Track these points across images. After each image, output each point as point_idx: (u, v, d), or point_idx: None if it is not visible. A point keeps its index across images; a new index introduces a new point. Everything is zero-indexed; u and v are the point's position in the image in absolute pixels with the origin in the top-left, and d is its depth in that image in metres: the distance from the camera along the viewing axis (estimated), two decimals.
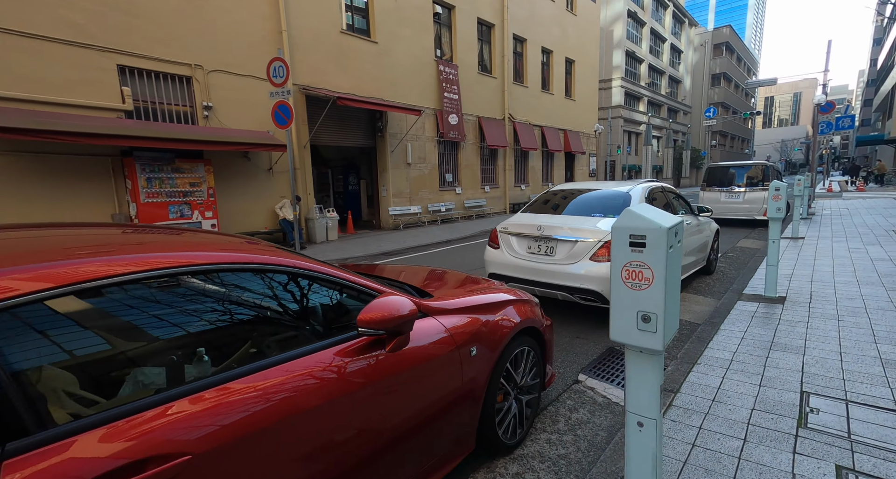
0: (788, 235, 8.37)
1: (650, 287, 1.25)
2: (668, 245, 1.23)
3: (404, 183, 12.58)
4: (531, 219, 4.16)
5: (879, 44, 47.76)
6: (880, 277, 4.94)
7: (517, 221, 4.17)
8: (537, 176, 18.93)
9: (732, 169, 11.12)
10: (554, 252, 3.80)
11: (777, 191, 4.23)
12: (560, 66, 19.80)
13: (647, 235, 1.26)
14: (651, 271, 1.25)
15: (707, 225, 5.56)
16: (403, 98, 12.27)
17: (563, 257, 3.73)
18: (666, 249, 1.22)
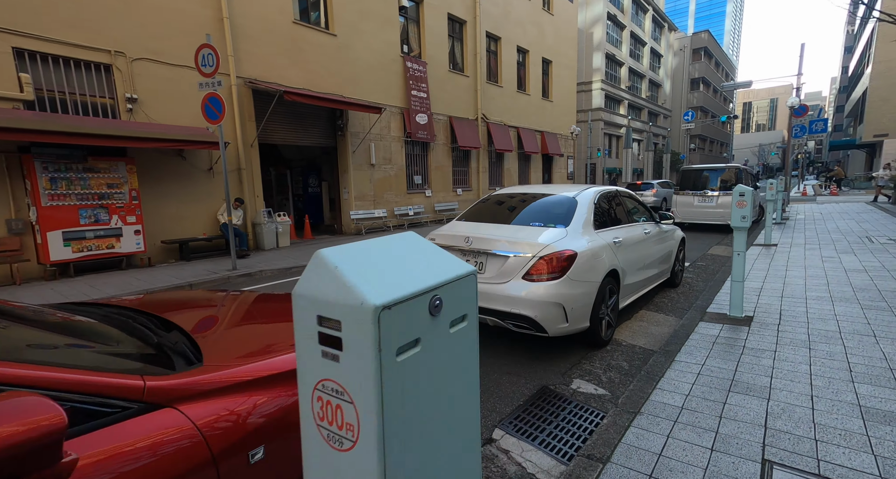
0: (761, 242, 7.99)
1: (353, 449, 0.57)
2: (407, 344, 0.56)
3: (367, 185, 11.91)
4: (462, 229, 3.56)
5: (850, 52, 49.06)
6: (855, 291, 4.49)
7: (447, 231, 3.56)
8: (513, 178, 18.45)
9: (706, 172, 10.78)
10: (483, 269, 3.21)
11: (741, 197, 3.72)
12: (536, 66, 19.40)
13: (344, 322, 0.56)
14: (355, 411, 0.56)
15: (671, 233, 5.05)
16: (367, 95, 11.61)
17: (494, 276, 3.14)
18: (391, 356, 0.55)
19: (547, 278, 2.96)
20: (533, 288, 2.96)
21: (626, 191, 4.45)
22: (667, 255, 4.89)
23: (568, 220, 3.37)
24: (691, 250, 8.09)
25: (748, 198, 3.70)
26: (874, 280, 4.90)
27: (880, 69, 24.08)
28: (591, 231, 3.42)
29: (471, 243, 3.27)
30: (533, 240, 3.10)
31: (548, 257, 2.98)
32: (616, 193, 4.18)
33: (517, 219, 3.58)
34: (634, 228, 4.06)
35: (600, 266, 3.28)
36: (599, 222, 3.62)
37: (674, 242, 5.13)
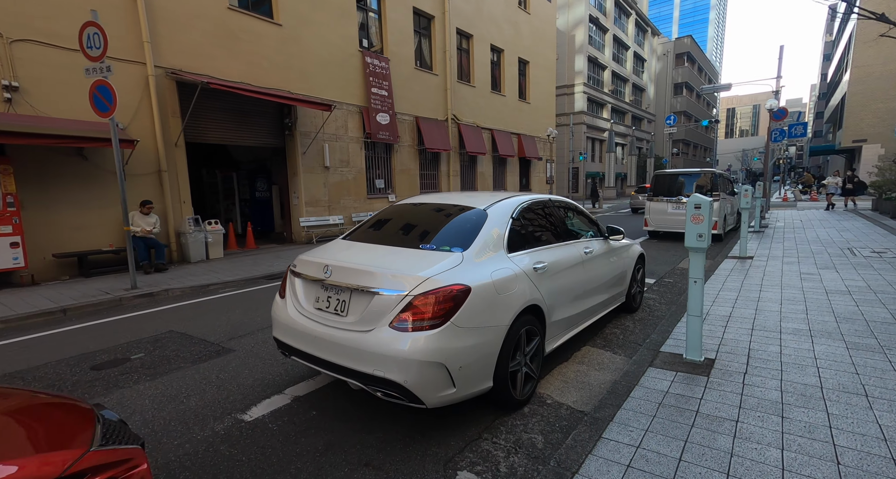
0: (736, 255, 7.29)
1: None
2: None
3: (321, 189, 10.99)
4: (329, 253, 2.71)
5: (829, 59, 49.76)
6: (838, 321, 3.74)
7: (311, 256, 2.69)
8: (488, 183, 17.69)
9: (681, 177, 10.11)
10: (345, 310, 2.35)
11: (697, 210, 2.93)
12: (512, 66, 18.72)
13: None
14: None
15: (625, 251, 4.26)
16: (320, 92, 10.71)
17: (356, 321, 2.28)
18: None
19: (424, 326, 2.12)
20: (402, 341, 2.10)
21: (562, 200, 3.64)
22: (619, 276, 4.10)
23: (469, 241, 2.54)
24: (661, 263, 7.36)
25: (705, 211, 2.92)
26: (859, 305, 4.17)
27: (859, 74, 24.00)
28: (500, 256, 2.59)
29: (330, 273, 2.42)
30: (409, 271, 2.25)
31: (425, 296, 2.14)
32: (547, 203, 3.37)
33: (408, 240, 2.74)
34: (569, 249, 3.24)
35: (511, 303, 2.45)
36: (518, 243, 2.80)
37: (629, 260, 4.34)
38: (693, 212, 2.95)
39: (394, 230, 2.93)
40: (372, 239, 2.84)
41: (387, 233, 2.91)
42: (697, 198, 2.94)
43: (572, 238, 3.41)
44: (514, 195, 3.12)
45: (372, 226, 3.09)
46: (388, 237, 2.83)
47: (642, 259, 4.74)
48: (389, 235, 2.87)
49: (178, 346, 3.83)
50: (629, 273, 4.36)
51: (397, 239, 2.78)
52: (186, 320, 4.64)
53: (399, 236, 2.84)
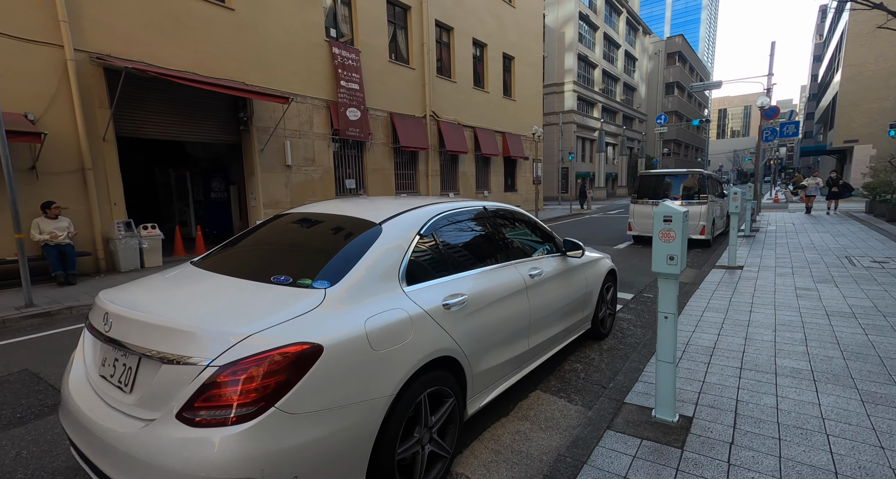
0: (724, 264, 6.61)
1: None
2: None
3: (282, 190, 10.17)
4: (134, 289, 1.92)
5: (819, 60, 49.76)
6: (845, 358, 3.04)
7: (108, 295, 1.88)
8: (469, 183, 16.95)
9: (668, 178, 9.44)
10: (130, 383, 1.56)
11: (667, 223, 2.20)
12: (496, 61, 17.99)
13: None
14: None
15: (589, 268, 3.53)
16: (281, 84, 9.90)
17: (137, 401, 1.50)
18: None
19: (230, 417, 1.34)
20: (189, 444, 1.32)
21: (504, 209, 2.89)
22: (582, 299, 3.36)
23: (343, 271, 1.77)
24: (643, 273, 6.66)
25: (678, 225, 2.18)
26: (868, 333, 3.48)
27: (850, 73, 23.61)
28: (390, 291, 1.83)
29: (110, 326, 1.64)
30: (222, 324, 1.48)
31: (236, 367, 1.37)
32: (479, 213, 2.61)
33: (264, 268, 1.96)
34: (505, 273, 2.49)
35: (399, 361, 1.70)
36: (424, 271, 2.05)
37: (595, 278, 3.61)
38: (662, 226, 2.22)
39: (254, 253, 2.16)
40: (221, 266, 2.06)
41: (244, 257, 2.14)
42: (667, 208, 2.20)
43: (514, 258, 2.66)
44: (431, 203, 2.36)
45: (231, 246, 2.31)
46: (242, 264, 2.06)
47: (613, 276, 4.01)
48: (245, 261, 2.10)
49: (13, 395, 3.00)
50: (596, 294, 3.63)
51: (251, 267, 2.01)
52: (56, 353, 3.82)
53: (255, 263, 2.07)
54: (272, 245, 2.19)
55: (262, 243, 2.23)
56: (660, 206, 2.23)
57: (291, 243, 2.17)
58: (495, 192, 18.59)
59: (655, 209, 2.24)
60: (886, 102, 22.51)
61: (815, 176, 14.37)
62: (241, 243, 2.31)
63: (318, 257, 1.92)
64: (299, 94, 10.36)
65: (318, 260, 1.89)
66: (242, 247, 2.26)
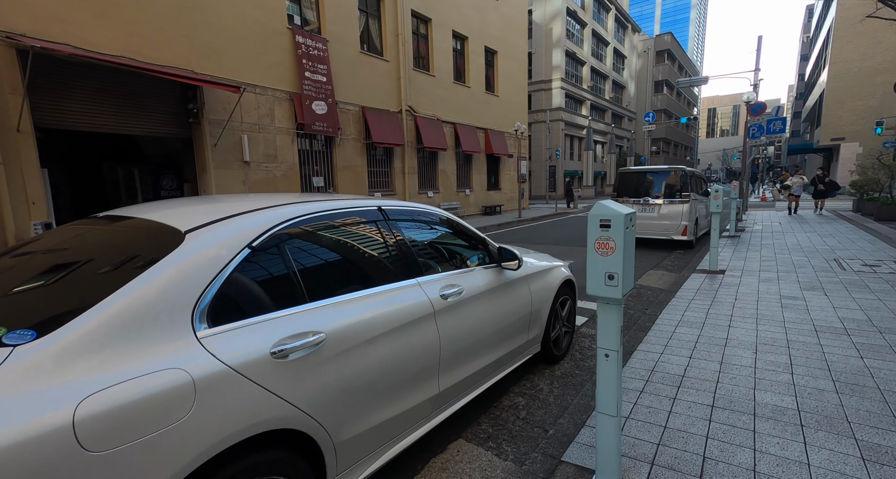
0: (705, 268, 6.09)
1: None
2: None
3: (240, 188, 9.47)
4: None
5: (806, 59, 50.01)
6: (839, 393, 2.48)
7: None
8: (450, 181, 16.35)
9: (649, 175, 8.92)
10: None
11: (604, 230, 1.62)
12: (478, 55, 17.39)
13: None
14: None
15: (536, 280, 2.94)
16: (236, 74, 9.19)
17: None
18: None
19: None
20: None
21: (410, 209, 2.26)
22: (524, 319, 2.77)
23: (74, 312, 1.13)
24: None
25: (619, 232, 1.59)
26: (864, 357, 2.94)
27: (837, 70, 23.41)
28: (172, 339, 1.21)
29: None
30: None
31: None
32: (367, 216, 1.97)
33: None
34: (396, 296, 1.87)
35: (157, 460, 1.08)
36: (253, 302, 1.42)
37: (545, 291, 3.02)
38: (598, 234, 1.63)
39: (13, 277, 1.51)
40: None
41: None
42: (604, 209, 1.61)
43: (420, 274, 2.05)
44: (292, 203, 1.74)
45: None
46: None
47: (571, 287, 3.43)
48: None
49: None
50: (546, 310, 3.04)
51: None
52: None
53: None
54: (18, 268, 1.52)
55: (28, 261, 1.57)
56: (595, 206, 1.65)
57: (49, 264, 1.50)
58: (478, 190, 18.02)
59: (590, 212, 1.65)
60: (873, 99, 22.34)
61: (800, 174, 13.65)
62: None
63: (55, 288, 1.29)
64: (258, 84, 9.66)
65: (50, 294, 1.26)
66: None
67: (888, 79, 21.63)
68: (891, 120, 19.81)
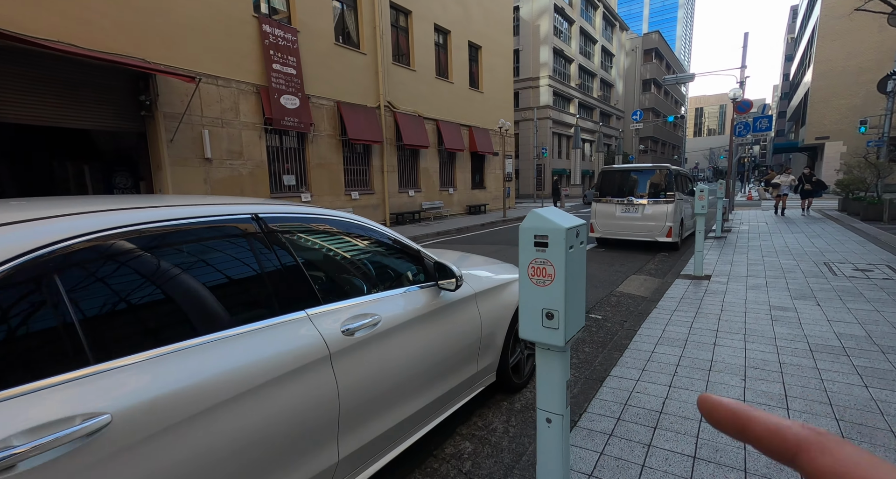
0: (690, 273, 5.70)
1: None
2: None
3: (200, 187, 8.87)
4: None
5: (790, 59, 50.53)
6: (845, 434, 2.06)
7: None
8: (432, 179, 15.85)
9: (633, 174, 8.53)
10: None
11: (541, 251, 1.15)
12: (461, 50, 16.90)
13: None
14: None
15: (488, 298, 2.48)
16: (196, 64, 8.58)
17: None
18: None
19: None
20: None
21: (302, 214, 1.74)
22: (472, 346, 2.31)
23: None
24: (596, 284, 5.68)
25: (558, 254, 1.13)
26: (868, 386, 2.53)
27: (821, 70, 23.42)
28: None
29: None
30: None
31: None
32: (232, 228, 1.46)
33: None
34: (263, 339, 1.36)
35: None
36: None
37: (500, 310, 2.55)
38: (532, 256, 1.16)
39: None
40: None
41: None
42: (539, 220, 1.16)
43: (307, 304, 1.54)
44: (109, 209, 1.23)
45: None
46: None
47: None
48: None
49: None
50: (503, 333, 2.58)
51: None
52: None
53: None
54: None
55: None
56: (528, 217, 1.18)
57: None
58: (462, 189, 17.56)
59: (521, 224, 1.18)
60: (857, 98, 22.39)
61: (788, 173, 13.25)
62: None
63: None
64: (220, 76, 9.06)
65: None
66: None
67: (872, 78, 21.66)
68: (874, 119, 19.82)
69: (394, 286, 1.95)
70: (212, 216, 1.40)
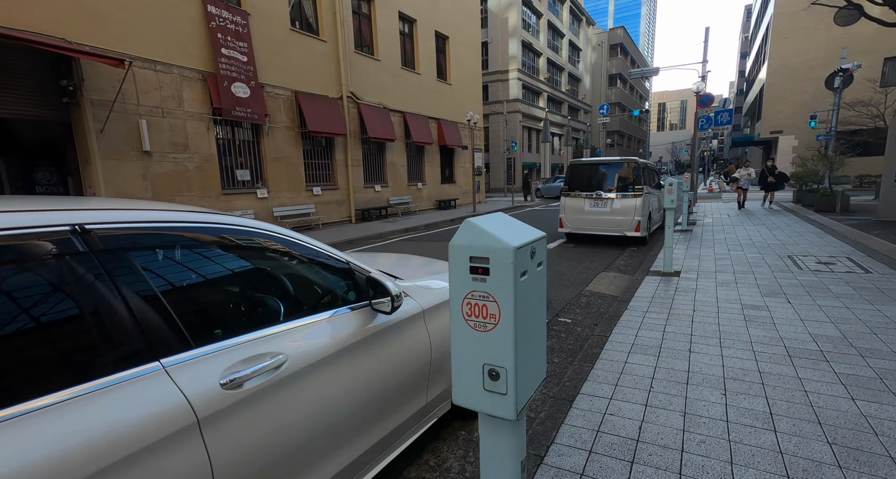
0: (660, 269, 5.55)
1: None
2: None
3: (138, 183, 8.04)
4: None
5: (745, 57, 52.69)
6: (841, 463, 1.83)
7: None
8: (400, 174, 15.33)
9: (601, 168, 8.37)
10: None
11: (479, 280, 0.77)
12: (428, 40, 16.36)
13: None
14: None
15: (441, 312, 2.10)
16: (129, 46, 7.72)
17: None
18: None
19: None
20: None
21: (159, 220, 1.30)
22: (417, 374, 1.93)
23: None
24: (565, 283, 5.44)
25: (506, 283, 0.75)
26: (855, 398, 2.34)
27: (775, 66, 24.35)
28: None
29: None
30: None
31: None
32: (55, 238, 1.01)
33: None
34: (77, 414, 0.93)
35: None
36: None
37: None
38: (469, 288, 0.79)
39: None
40: None
41: None
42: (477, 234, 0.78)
43: (168, 350, 1.10)
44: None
45: None
46: None
47: None
48: None
49: None
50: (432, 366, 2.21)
51: None
52: None
53: None
54: None
55: None
56: (461, 230, 0.80)
57: None
58: (431, 184, 17.13)
59: (451, 240, 0.80)
60: (806, 94, 23.42)
61: (747, 166, 13.44)
62: None
63: None
64: (159, 60, 8.21)
65: None
66: None
67: (820, 74, 22.69)
68: (823, 113, 20.78)
69: (312, 312, 1.53)
70: None
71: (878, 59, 21.25)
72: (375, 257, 3.02)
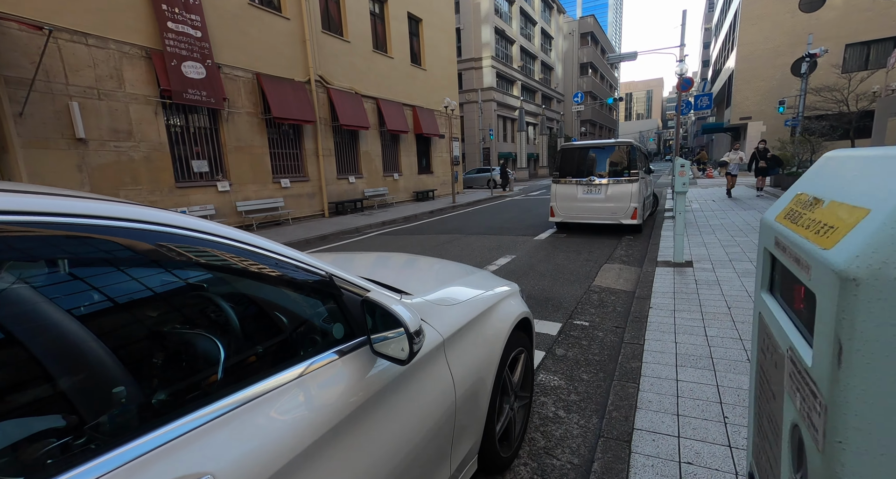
0: (668, 259, 5.10)
1: None
2: None
3: (73, 175, 6.96)
4: None
5: (708, 47, 53.98)
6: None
7: None
8: (374, 164, 14.48)
9: (593, 152, 7.88)
10: None
11: None
12: (400, 22, 15.44)
13: None
14: None
15: (466, 341, 1.46)
16: (49, 15, 6.55)
17: None
18: None
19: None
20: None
21: None
22: (440, 434, 1.29)
23: None
24: (569, 279, 4.90)
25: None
26: None
27: (744, 52, 24.71)
28: None
29: None
30: None
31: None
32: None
33: None
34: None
35: None
36: None
37: (483, 357, 1.55)
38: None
39: None
40: None
41: None
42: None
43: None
44: None
45: None
46: None
47: (525, 330, 2.01)
48: None
49: None
50: (487, 389, 1.59)
51: None
52: None
53: None
54: None
55: None
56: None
57: None
58: (408, 174, 16.35)
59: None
60: (773, 80, 23.91)
61: (737, 150, 12.28)
62: None
63: None
64: (90, 33, 7.08)
65: None
66: None
67: (786, 61, 23.19)
68: (790, 99, 21.22)
69: (271, 368, 0.86)
70: None
71: (840, 44, 21.83)
72: (352, 258, 2.32)
